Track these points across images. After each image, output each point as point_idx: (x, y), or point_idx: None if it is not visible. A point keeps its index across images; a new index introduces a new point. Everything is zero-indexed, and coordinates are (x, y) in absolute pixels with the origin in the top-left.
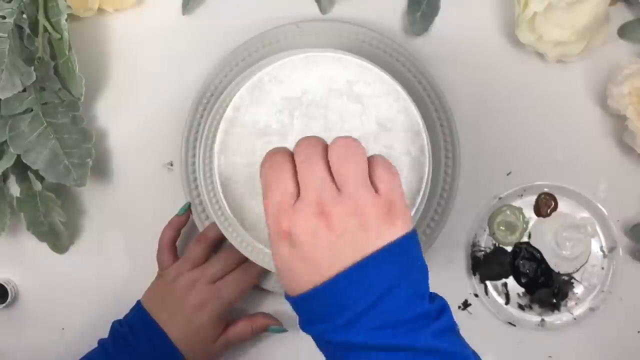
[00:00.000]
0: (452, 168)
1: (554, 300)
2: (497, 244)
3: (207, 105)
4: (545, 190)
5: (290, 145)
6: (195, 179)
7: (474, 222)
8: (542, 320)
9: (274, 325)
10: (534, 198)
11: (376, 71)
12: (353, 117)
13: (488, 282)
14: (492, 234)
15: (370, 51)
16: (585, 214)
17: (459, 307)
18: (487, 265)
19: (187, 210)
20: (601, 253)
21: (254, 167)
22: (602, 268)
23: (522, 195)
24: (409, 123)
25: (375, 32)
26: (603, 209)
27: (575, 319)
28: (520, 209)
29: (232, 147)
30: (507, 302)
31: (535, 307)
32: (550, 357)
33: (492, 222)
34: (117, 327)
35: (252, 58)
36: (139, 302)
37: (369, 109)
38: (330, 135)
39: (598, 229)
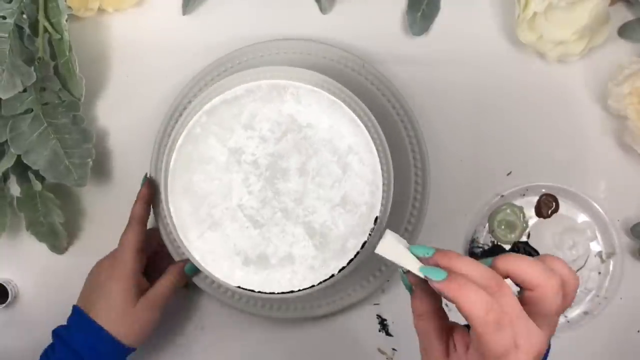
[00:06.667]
0: (422, 186)
1: None
2: (495, 242)
3: (167, 141)
4: (547, 191)
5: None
6: (165, 217)
7: (475, 218)
8: None
9: (189, 264)
10: (535, 198)
11: (325, 95)
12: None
13: None
14: (491, 232)
15: (331, 66)
16: (585, 218)
17: None
18: None
19: (146, 180)
20: (599, 258)
21: (206, 199)
22: (599, 273)
23: (524, 195)
24: (363, 144)
25: (337, 49)
26: (604, 214)
27: (568, 321)
28: (521, 208)
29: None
30: None
31: None
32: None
33: (492, 220)
34: (57, 331)
35: (214, 83)
36: (74, 306)
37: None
38: (306, 154)
39: (598, 234)
